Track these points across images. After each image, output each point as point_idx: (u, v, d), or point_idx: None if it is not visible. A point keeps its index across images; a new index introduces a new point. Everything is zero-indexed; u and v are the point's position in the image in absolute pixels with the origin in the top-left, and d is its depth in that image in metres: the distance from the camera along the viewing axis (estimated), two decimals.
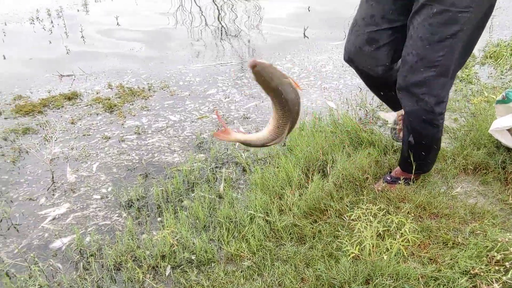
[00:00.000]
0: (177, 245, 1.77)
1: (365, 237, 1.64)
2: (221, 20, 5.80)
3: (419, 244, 1.69)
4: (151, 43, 4.86)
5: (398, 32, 1.72)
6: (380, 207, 1.79)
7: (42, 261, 1.80)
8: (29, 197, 2.25)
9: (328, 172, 2.12)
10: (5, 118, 3.14)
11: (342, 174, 2.08)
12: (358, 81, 3.49)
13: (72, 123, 3.04)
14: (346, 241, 1.67)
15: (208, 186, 2.21)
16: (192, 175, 2.31)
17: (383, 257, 1.57)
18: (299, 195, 1.99)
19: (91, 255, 1.81)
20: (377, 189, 1.97)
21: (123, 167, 2.49)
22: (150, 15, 6.19)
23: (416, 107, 1.70)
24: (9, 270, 1.77)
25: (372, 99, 3.06)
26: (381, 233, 1.69)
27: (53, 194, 2.26)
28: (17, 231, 2.01)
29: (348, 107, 2.99)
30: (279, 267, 1.64)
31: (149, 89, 3.53)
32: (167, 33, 5.28)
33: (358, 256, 1.62)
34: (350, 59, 1.87)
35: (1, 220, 2.07)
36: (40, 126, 3.00)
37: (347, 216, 1.80)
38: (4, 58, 4.53)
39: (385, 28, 1.72)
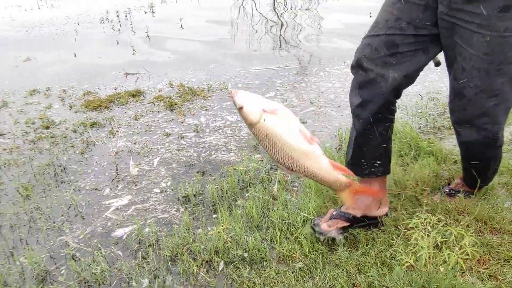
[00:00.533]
0: (230, 242, 1.82)
1: (421, 247, 1.61)
2: (281, 26, 5.85)
3: (478, 259, 1.63)
4: (212, 45, 4.99)
5: (420, 44, 1.57)
6: (438, 218, 1.75)
7: (104, 247, 1.91)
8: (95, 187, 2.39)
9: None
10: (75, 112, 3.35)
11: (399, 183, 2.04)
12: (419, 87, 3.40)
13: (135, 119, 3.19)
14: (401, 250, 1.65)
15: (262, 186, 2.25)
16: (247, 175, 2.36)
17: (439, 269, 1.53)
18: None
19: (149, 246, 1.90)
20: (435, 200, 1.92)
21: (182, 163, 2.58)
22: (211, 17, 6.35)
23: (478, 137, 1.60)
24: (75, 254, 1.88)
25: (434, 108, 2.98)
26: (439, 244, 1.65)
27: (117, 186, 2.39)
28: (83, 218, 2.14)
29: (407, 115, 2.93)
30: (330, 271, 1.64)
31: (209, 90, 3.63)
32: (228, 37, 5.39)
33: (413, 266, 1.59)
34: (359, 63, 1.61)
35: (69, 207, 2.22)
36: (107, 120, 3.17)
37: (402, 225, 1.77)
38: (75, 55, 4.82)
39: (409, 34, 1.55)
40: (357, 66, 1.63)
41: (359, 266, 1.66)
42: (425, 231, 1.67)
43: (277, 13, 6.42)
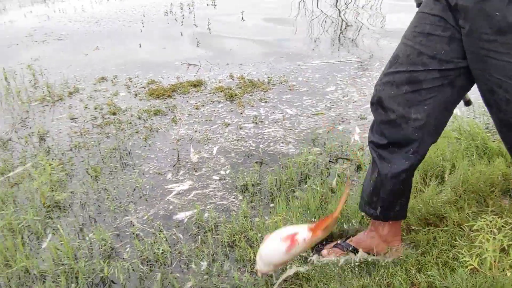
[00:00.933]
0: None
1: (486, 249, 1.55)
2: (341, 23, 5.77)
3: None
4: (273, 40, 5.01)
5: (446, 79, 1.40)
6: (505, 220, 1.67)
7: (166, 229, 1.99)
8: (158, 171, 2.48)
9: (447, 178, 2.02)
10: (140, 100, 3.49)
11: (464, 183, 1.97)
12: None
13: (196, 108, 3.27)
14: (465, 251, 1.59)
15: (321, 179, 2.25)
16: (306, 167, 2.36)
17: (506, 274, 1.47)
18: (414, 198, 1.93)
19: (209, 230, 1.96)
20: (503, 203, 1.83)
21: (240, 152, 2.63)
22: (272, 12, 6.37)
23: None
24: (139, 233, 1.98)
25: None
26: (505, 247, 1.58)
27: (178, 171, 2.47)
28: (146, 200, 2.23)
29: (474, 113, 2.81)
30: (389, 268, 1.62)
31: (269, 82, 3.66)
32: (289, 32, 5.39)
33: (477, 269, 1.54)
34: (379, 101, 1.48)
35: (134, 190, 2.32)
36: (169, 109, 3.28)
37: (467, 226, 1.71)
38: (140, 46, 5.01)
39: (433, 69, 1.39)
40: (377, 103, 1.50)
41: (418, 265, 1.62)
42: (490, 234, 1.60)
43: (338, 10, 6.34)
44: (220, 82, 3.76)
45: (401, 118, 1.44)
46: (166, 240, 1.91)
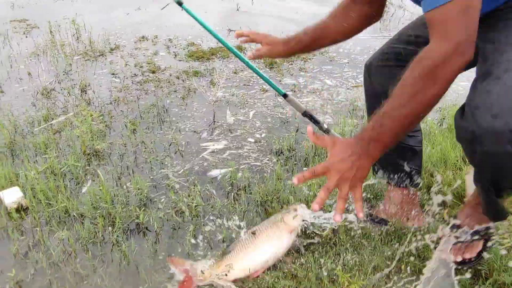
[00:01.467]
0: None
1: None
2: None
3: None
4: (315, 10, 4.90)
5: None
6: None
7: (200, 184, 2.02)
8: (194, 129, 2.51)
9: None
10: (179, 60, 3.51)
11: None
12: None
13: (234, 73, 3.27)
14: None
15: None
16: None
17: None
18: (453, 176, 1.90)
19: (241, 189, 1.98)
20: None
21: (277, 118, 2.62)
22: None
23: None
24: (174, 186, 2.02)
25: None
26: None
27: (214, 131, 2.49)
28: (182, 156, 2.27)
29: None
30: None
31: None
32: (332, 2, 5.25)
33: None
34: (368, 67, 1.67)
35: (170, 145, 2.36)
36: (208, 71, 3.29)
37: None
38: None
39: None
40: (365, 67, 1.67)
41: None
42: None
43: None
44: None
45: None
46: (200, 194, 1.95)
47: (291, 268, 1.52)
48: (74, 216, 1.84)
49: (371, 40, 3.84)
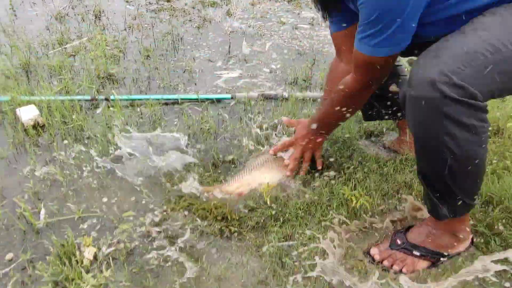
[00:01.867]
0: None
1: None
2: None
3: None
4: None
5: None
6: None
7: (213, 110, 2.02)
8: (208, 58, 2.48)
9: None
10: None
11: None
12: None
13: (252, 4, 3.18)
14: None
15: None
16: None
17: None
18: None
19: (254, 114, 1.97)
20: None
21: (294, 50, 2.57)
22: None
23: None
24: (187, 110, 2.02)
25: None
26: None
27: (229, 61, 2.46)
28: (195, 84, 2.26)
29: None
30: None
31: None
32: None
33: None
34: None
35: (184, 71, 2.34)
36: (224, 2, 3.20)
37: None
38: None
39: None
40: None
41: None
42: None
43: None
44: None
45: None
46: (212, 118, 1.95)
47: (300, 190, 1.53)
48: (88, 134, 1.86)
49: None
